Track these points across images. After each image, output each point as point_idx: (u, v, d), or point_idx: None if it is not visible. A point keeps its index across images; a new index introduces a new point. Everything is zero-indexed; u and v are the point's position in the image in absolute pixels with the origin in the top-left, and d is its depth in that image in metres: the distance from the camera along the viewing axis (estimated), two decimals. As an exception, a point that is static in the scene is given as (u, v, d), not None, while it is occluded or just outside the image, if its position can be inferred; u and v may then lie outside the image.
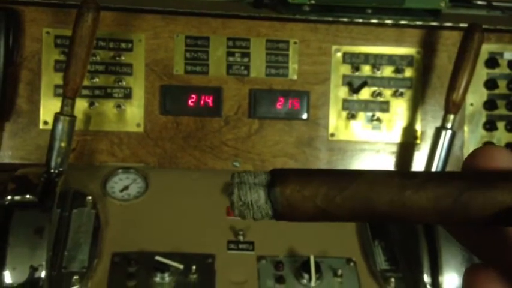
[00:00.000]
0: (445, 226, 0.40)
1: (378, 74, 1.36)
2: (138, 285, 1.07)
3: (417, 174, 0.36)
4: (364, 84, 1.34)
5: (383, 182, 0.36)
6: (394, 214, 0.35)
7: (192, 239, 1.16)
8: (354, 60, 1.36)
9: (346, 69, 1.36)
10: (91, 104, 1.30)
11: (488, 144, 1.38)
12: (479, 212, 0.34)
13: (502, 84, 1.38)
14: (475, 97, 1.38)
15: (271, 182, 0.36)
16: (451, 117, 1.25)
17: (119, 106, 1.31)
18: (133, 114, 1.31)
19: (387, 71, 1.36)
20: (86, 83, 1.24)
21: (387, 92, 1.36)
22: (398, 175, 0.36)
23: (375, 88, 1.36)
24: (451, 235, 0.39)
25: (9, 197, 1.05)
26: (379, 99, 1.36)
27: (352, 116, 1.35)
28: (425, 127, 1.37)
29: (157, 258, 1.08)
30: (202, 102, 1.32)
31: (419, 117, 1.37)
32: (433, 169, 1.24)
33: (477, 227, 0.37)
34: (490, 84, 1.38)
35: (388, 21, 1.33)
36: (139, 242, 1.14)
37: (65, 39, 1.27)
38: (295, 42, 1.34)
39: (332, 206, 0.35)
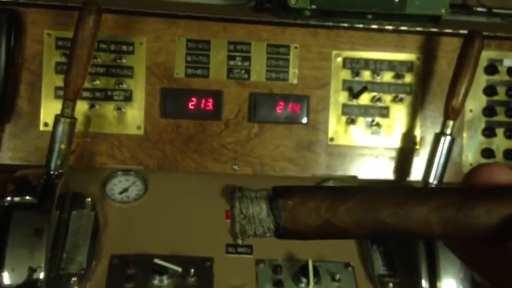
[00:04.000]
0: (448, 243, 0.39)
1: (378, 79, 1.36)
2: (136, 288, 1.07)
3: (420, 188, 0.36)
4: (364, 89, 1.35)
5: (386, 193, 0.35)
6: (398, 226, 0.34)
7: (190, 242, 1.16)
8: (354, 66, 1.36)
9: (346, 74, 1.36)
10: (91, 106, 1.30)
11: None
12: (482, 222, 0.34)
13: (502, 90, 1.39)
14: (474, 103, 1.39)
15: (274, 195, 0.35)
16: (450, 123, 1.25)
17: (119, 108, 1.31)
18: (134, 116, 1.32)
19: (387, 77, 1.37)
20: (86, 85, 1.24)
21: (387, 98, 1.37)
22: (402, 189, 0.36)
23: (374, 93, 1.36)
24: (454, 253, 0.39)
25: (8, 198, 1.05)
26: (379, 104, 1.36)
27: (351, 121, 1.35)
28: (425, 133, 1.37)
29: (156, 260, 1.08)
30: (202, 105, 1.32)
31: (418, 122, 1.37)
32: (432, 175, 1.24)
33: (480, 243, 0.36)
34: (490, 90, 1.38)
35: (389, 27, 1.33)
36: (138, 244, 1.14)
37: (66, 41, 1.27)
38: (295, 47, 1.35)
39: (336, 216, 0.34)
